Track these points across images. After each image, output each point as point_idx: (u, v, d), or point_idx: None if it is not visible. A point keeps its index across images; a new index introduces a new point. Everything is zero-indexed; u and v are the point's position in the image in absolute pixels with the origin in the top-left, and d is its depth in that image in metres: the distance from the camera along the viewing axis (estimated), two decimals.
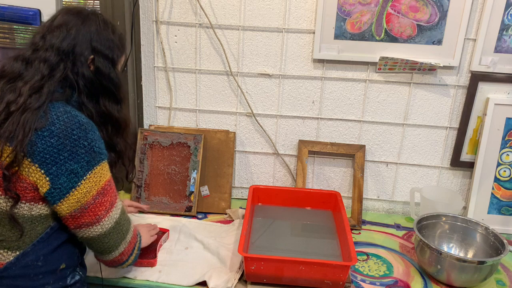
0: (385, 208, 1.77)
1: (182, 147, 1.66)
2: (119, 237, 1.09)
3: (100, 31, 1.07)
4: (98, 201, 1.02)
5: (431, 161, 1.69)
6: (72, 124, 0.97)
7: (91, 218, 1.02)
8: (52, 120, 0.97)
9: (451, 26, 1.51)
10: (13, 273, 1.00)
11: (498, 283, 1.35)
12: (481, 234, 1.42)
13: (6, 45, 1.81)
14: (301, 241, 1.47)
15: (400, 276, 1.35)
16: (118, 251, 1.11)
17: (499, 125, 1.57)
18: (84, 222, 1.02)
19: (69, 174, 0.97)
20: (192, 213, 1.63)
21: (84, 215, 1.01)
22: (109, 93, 1.10)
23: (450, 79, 1.59)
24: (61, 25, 1.04)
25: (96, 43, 1.06)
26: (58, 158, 0.96)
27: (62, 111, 0.98)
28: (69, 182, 0.97)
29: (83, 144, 0.98)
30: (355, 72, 1.62)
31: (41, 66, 1.01)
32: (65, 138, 0.96)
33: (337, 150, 1.68)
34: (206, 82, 1.70)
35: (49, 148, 0.95)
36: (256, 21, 1.60)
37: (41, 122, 0.95)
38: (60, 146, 0.96)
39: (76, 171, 0.97)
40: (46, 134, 0.95)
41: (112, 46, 1.09)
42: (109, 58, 1.08)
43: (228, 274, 1.29)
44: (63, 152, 0.96)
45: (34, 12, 1.54)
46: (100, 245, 1.08)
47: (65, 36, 1.03)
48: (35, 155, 0.95)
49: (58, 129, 0.96)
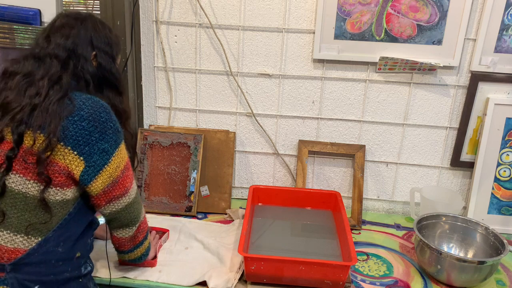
0: (385, 208, 1.77)
1: (182, 147, 1.66)
2: (139, 207, 1.20)
3: (98, 30, 1.16)
4: (125, 174, 1.12)
5: (431, 161, 1.69)
6: (98, 108, 1.06)
7: (121, 190, 1.12)
8: (79, 106, 1.04)
9: (451, 26, 1.51)
10: (36, 259, 1.03)
11: (498, 283, 1.35)
12: (481, 234, 1.42)
13: (6, 45, 1.81)
14: (301, 241, 1.47)
15: (400, 276, 1.35)
16: (138, 223, 1.20)
17: (499, 125, 1.57)
18: (115, 194, 1.11)
19: (100, 153, 1.06)
20: (192, 213, 1.63)
21: (115, 188, 1.11)
22: (111, 86, 1.18)
23: (450, 79, 1.59)
24: (62, 26, 1.12)
25: (96, 41, 1.14)
26: (90, 139, 1.04)
27: (85, 98, 1.07)
28: (101, 159, 1.06)
29: (110, 126, 1.07)
30: (355, 72, 1.62)
31: (54, 61, 1.08)
32: (94, 121, 1.05)
33: (337, 150, 1.68)
34: (206, 82, 1.70)
35: (81, 131, 1.03)
36: (256, 21, 1.60)
37: (69, 109, 1.03)
38: (91, 128, 1.04)
39: (106, 149, 1.07)
40: (76, 118, 1.03)
41: (110, 43, 1.18)
42: (109, 54, 1.17)
43: (228, 274, 1.29)
44: (94, 134, 1.04)
45: (34, 12, 1.54)
46: (127, 216, 1.16)
47: (68, 36, 1.10)
48: (67, 139, 1.02)
49: (87, 113, 1.04)
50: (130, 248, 1.22)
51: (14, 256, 1.01)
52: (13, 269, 1.01)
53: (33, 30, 1.66)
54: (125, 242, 1.21)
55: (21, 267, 1.02)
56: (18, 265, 1.01)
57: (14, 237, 1.02)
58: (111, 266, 1.29)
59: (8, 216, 1.02)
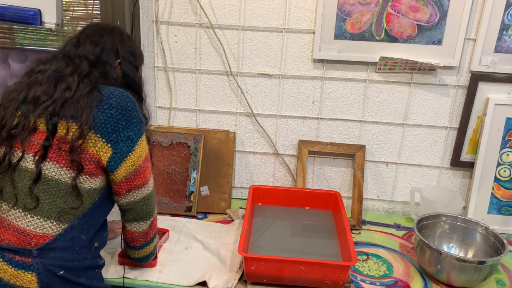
0: (385, 208, 1.77)
1: (182, 147, 1.66)
2: (155, 201, 1.24)
3: (124, 41, 1.26)
4: (146, 165, 1.17)
5: (431, 161, 1.69)
6: (124, 97, 1.12)
7: (141, 180, 1.16)
8: (108, 95, 1.11)
9: (451, 26, 1.51)
10: (62, 244, 1.06)
11: (498, 283, 1.35)
12: (481, 234, 1.42)
13: (6, 45, 1.81)
14: (301, 241, 1.47)
15: (400, 276, 1.35)
16: (152, 217, 1.24)
17: (499, 125, 1.57)
18: (136, 184, 1.15)
19: (126, 140, 1.11)
20: (192, 213, 1.63)
21: (137, 177, 1.14)
22: (134, 93, 1.24)
23: (450, 79, 1.59)
24: (92, 34, 1.22)
25: (122, 51, 1.24)
26: (117, 126, 1.09)
27: (112, 89, 1.13)
28: (126, 147, 1.11)
29: (135, 115, 1.13)
30: (355, 72, 1.62)
31: (83, 61, 1.15)
32: (122, 109, 1.10)
33: (337, 150, 1.68)
34: (206, 82, 1.70)
35: (109, 119, 1.08)
36: (256, 21, 1.60)
37: (99, 98, 1.09)
38: (119, 116, 1.10)
39: (131, 137, 1.11)
40: (105, 107, 1.09)
41: (135, 53, 1.28)
42: (132, 63, 1.27)
43: (228, 274, 1.29)
44: (121, 121, 1.10)
45: (34, 12, 1.53)
46: (144, 208, 1.19)
47: (97, 43, 1.20)
48: (97, 127, 1.07)
49: (115, 102, 1.10)
50: (141, 244, 1.24)
51: (42, 241, 1.04)
52: (40, 254, 1.04)
53: (33, 30, 1.66)
54: (138, 237, 1.23)
55: (48, 253, 1.04)
56: (44, 250, 1.04)
57: (44, 222, 1.05)
58: (110, 266, 1.29)
59: (41, 202, 1.05)
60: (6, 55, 1.81)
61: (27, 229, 1.04)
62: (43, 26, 1.55)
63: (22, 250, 1.03)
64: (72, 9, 1.74)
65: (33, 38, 1.79)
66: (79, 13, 1.74)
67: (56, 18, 1.55)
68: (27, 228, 1.04)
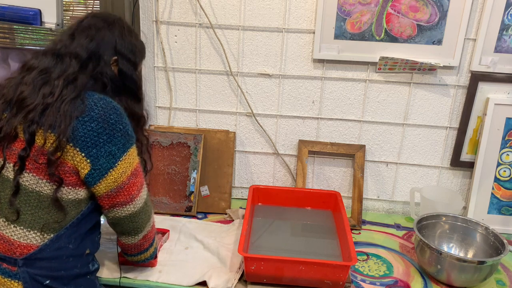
0: (385, 208, 1.77)
1: (182, 147, 1.66)
2: (145, 218, 1.16)
3: (124, 36, 1.16)
4: (132, 181, 1.09)
5: (431, 161, 1.69)
6: (109, 109, 1.05)
7: (125, 197, 1.09)
8: (90, 106, 1.03)
9: (451, 26, 1.51)
10: (48, 255, 1.04)
11: (498, 283, 1.35)
12: (481, 234, 1.42)
13: (6, 45, 1.81)
14: (301, 241, 1.47)
15: (400, 276, 1.35)
16: (143, 233, 1.17)
17: (499, 125, 1.57)
18: (119, 201, 1.09)
19: (107, 156, 1.04)
20: (192, 213, 1.63)
21: (120, 194, 1.08)
22: (131, 92, 1.18)
23: (450, 79, 1.59)
24: (89, 27, 1.13)
25: (120, 47, 1.15)
26: (97, 141, 1.03)
27: (97, 98, 1.06)
28: (107, 163, 1.04)
29: (119, 128, 1.05)
30: (355, 72, 1.62)
31: (72, 61, 1.08)
32: (104, 123, 1.03)
33: (337, 150, 1.68)
34: (206, 82, 1.70)
35: (89, 132, 1.02)
36: (256, 21, 1.60)
37: (80, 109, 1.02)
38: (100, 129, 1.03)
39: (113, 152, 1.05)
40: (86, 119, 1.02)
41: (134, 50, 1.19)
42: (131, 61, 1.17)
43: (228, 274, 1.29)
44: (102, 136, 1.03)
45: (34, 12, 1.53)
46: (130, 224, 1.13)
47: (93, 37, 1.11)
48: (76, 140, 1.01)
49: (97, 114, 1.03)
50: (134, 253, 1.22)
51: (26, 251, 1.03)
52: (25, 264, 1.02)
53: (33, 30, 1.66)
54: (130, 248, 1.20)
55: (33, 262, 1.03)
56: (30, 260, 1.03)
57: (28, 233, 1.03)
58: (110, 266, 1.29)
59: (23, 213, 1.03)
60: (6, 55, 1.81)
61: (11, 238, 1.03)
62: (43, 26, 1.56)
63: (8, 258, 1.02)
64: (72, 9, 1.74)
65: (33, 38, 1.78)
66: (79, 13, 1.74)
67: (56, 18, 1.55)
68: (11, 237, 1.03)
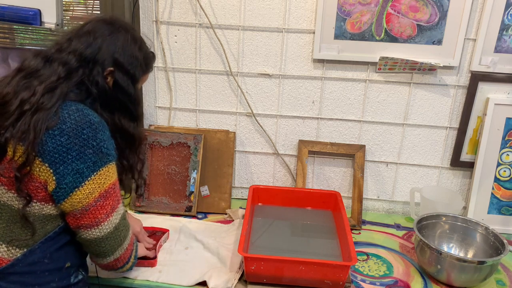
0: (385, 208, 1.77)
1: (182, 147, 1.66)
2: (116, 243, 1.07)
3: (126, 45, 1.08)
4: (100, 204, 1.01)
5: (431, 161, 1.69)
6: (83, 123, 0.97)
7: (90, 220, 1.01)
8: (63, 118, 0.96)
9: (451, 26, 1.51)
10: (20, 269, 1.00)
11: (498, 283, 1.35)
12: (481, 234, 1.42)
13: (6, 45, 1.81)
14: (301, 241, 1.47)
15: (400, 276, 1.35)
16: (113, 257, 1.10)
17: (499, 125, 1.57)
18: (84, 223, 1.01)
19: (74, 174, 0.96)
20: (192, 213, 1.63)
21: (84, 216, 1.00)
22: (125, 109, 1.09)
23: (450, 79, 1.59)
24: (89, 32, 1.06)
25: (119, 57, 1.06)
26: (66, 157, 0.95)
27: (74, 110, 0.98)
28: (74, 182, 0.97)
29: (92, 144, 0.97)
30: (355, 72, 1.62)
31: (60, 68, 1.01)
32: (74, 137, 0.96)
33: (337, 150, 1.68)
34: (206, 82, 1.70)
35: (58, 147, 0.95)
36: (256, 21, 1.60)
37: (52, 121, 0.95)
38: (70, 145, 0.95)
39: (81, 171, 0.97)
40: (56, 133, 0.95)
41: (135, 63, 1.09)
42: (129, 73, 1.08)
43: (228, 274, 1.29)
44: (71, 152, 0.96)
45: (34, 12, 1.53)
46: (96, 248, 1.06)
47: (90, 44, 1.04)
48: (45, 155, 0.95)
49: (68, 127, 0.96)
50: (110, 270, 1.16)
51: None
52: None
53: (33, 30, 1.66)
54: (100, 265, 1.14)
55: (6, 276, 0.99)
56: (2, 274, 0.99)
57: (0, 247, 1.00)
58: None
59: None
60: (6, 55, 1.80)
61: None
62: (43, 26, 1.55)
63: None
64: (72, 9, 1.74)
65: (33, 38, 1.78)
66: (79, 13, 1.74)
67: (56, 18, 1.55)
68: None
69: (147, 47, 1.16)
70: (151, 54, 1.18)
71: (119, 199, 1.07)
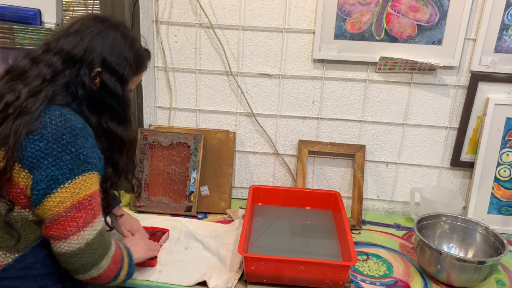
0: (385, 208, 1.77)
1: (182, 147, 1.66)
2: (89, 261, 0.99)
3: (115, 45, 1.03)
4: (70, 215, 0.94)
5: (431, 161, 1.69)
6: (63, 129, 0.94)
7: (58, 231, 0.95)
8: (45, 123, 0.94)
9: (451, 26, 1.51)
10: (12, 274, 0.99)
11: (498, 283, 1.35)
12: (481, 234, 1.42)
13: (6, 45, 1.81)
14: (301, 241, 1.47)
15: (400, 276, 1.35)
16: (88, 275, 1.01)
17: (499, 125, 1.57)
18: (51, 234, 0.96)
19: (49, 180, 0.93)
20: (192, 213, 1.63)
21: (53, 226, 0.95)
22: (112, 111, 1.05)
23: (450, 79, 1.59)
24: (77, 31, 1.02)
25: (108, 56, 1.02)
26: (43, 163, 0.92)
27: (57, 114, 0.95)
28: (47, 188, 0.93)
29: (70, 150, 0.94)
30: (355, 72, 1.62)
31: (45, 69, 0.99)
32: (53, 142, 0.93)
33: (337, 150, 1.68)
34: (206, 82, 1.70)
35: (37, 153, 0.92)
36: (256, 21, 1.60)
37: (34, 125, 0.93)
38: (48, 150, 0.92)
39: (56, 177, 0.93)
40: (36, 138, 0.93)
41: (123, 63, 1.04)
42: (118, 74, 1.04)
43: (228, 274, 1.29)
44: (48, 157, 0.92)
45: (34, 12, 1.54)
46: (65, 263, 1.00)
47: (77, 44, 1.00)
48: (24, 160, 0.93)
49: (49, 132, 0.93)
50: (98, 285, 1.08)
51: None
52: None
53: (33, 30, 1.66)
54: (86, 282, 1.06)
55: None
56: None
57: None
58: None
59: None
60: (6, 55, 1.80)
61: None
62: (43, 26, 1.56)
63: None
64: (72, 9, 1.74)
65: (33, 38, 1.78)
66: (79, 13, 1.74)
67: (56, 18, 1.55)
68: None
69: (140, 46, 1.11)
70: (144, 53, 1.14)
71: (96, 214, 1.00)
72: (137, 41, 1.11)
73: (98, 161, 1.00)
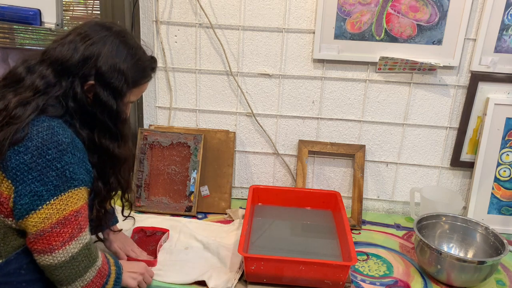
0: (385, 208, 1.77)
1: (182, 147, 1.66)
2: (73, 273, 0.98)
3: (111, 54, 0.99)
4: (56, 230, 0.94)
5: (431, 161, 1.69)
6: (49, 143, 0.91)
7: (43, 246, 0.94)
8: (31, 135, 0.91)
9: (451, 26, 1.51)
10: None
11: (498, 283, 1.35)
12: (481, 234, 1.42)
13: (6, 45, 1.81)
14: (301, 241, 1.47)
15: (400, 276, 1.35)
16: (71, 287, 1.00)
17: (499, 125, 1.57)
18: (36, 248, 0.95)
19: (32, 196, 0.91)
20: (192, 213, 1.63)
21: (37, 241, 0.94)
22: (105, 127, 1.01)
23: (450, 79, 1.59)
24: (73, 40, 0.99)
25: (102, 68, 0.98)
26: (26, 177, 0.90)
27: (45, 126, 0.93)
28: (30, 204, 0.91)
29: (56, 166, 0.91)
30: (355, 72, 1.62)
31: (38, 81, 0.97)
32: (38, 157, 0.90)
33: (337, 150, 1.68)
34: (206, 82, 1.70)
35: (21, 165, 0.90)
36: (256, 21, 1.60)
37: (19, 136, 0.90)
38: (32, 164, 0.90)
39: (40, 193, 0.91)
40: (21, 149, 0.91)
41: (119, 76, 0.99)
42: (112, 87, 0.99)
43: (228, 274, 1.29)
44: (32, 172, 0.90)
45: (34, 12, 1.54)
46: (50, 275, 0.99)
47: (72, 54, 0.97)
48: (8, 171, 0.91)
49: (34, 145, 0.91)
50: None
51: None
52: None
53: (33, 30, 1.66)
54: None
55: None
56: None
57: None
58: None
59: None
60: (6, 55, 1.81)
61: None
62: (43, 26, 1.56)
63: None
64: (72, 9, 1.74)
65: (33, 38, 1.79)
66: (79, 13, 1.74)
67: (56, 18, 1.55)
68: None
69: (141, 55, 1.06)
70: (147, 63, 1.08)
71: (82, 228, 0.98)
72: (139, 50, 1.07)
73: (86, 175, 0.98)
